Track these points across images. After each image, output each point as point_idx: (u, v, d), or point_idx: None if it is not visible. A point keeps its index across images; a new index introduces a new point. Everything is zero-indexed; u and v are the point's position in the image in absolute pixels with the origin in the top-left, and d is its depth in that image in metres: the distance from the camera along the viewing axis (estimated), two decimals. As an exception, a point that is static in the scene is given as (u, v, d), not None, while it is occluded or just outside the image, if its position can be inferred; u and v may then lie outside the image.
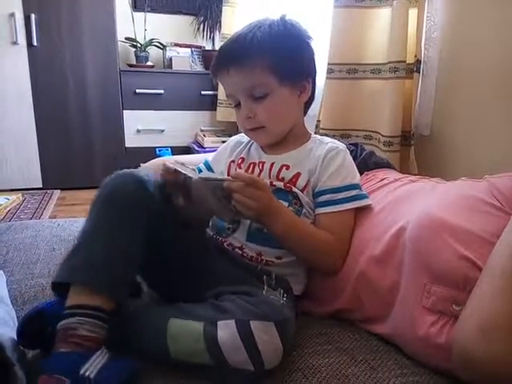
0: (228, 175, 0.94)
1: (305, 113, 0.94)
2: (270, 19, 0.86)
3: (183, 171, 0.75)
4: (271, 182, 0.86)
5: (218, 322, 0.62)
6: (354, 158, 1.02)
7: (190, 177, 0.73)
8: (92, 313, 0.64)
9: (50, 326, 0.66)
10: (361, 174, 0.97)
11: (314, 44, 0.90)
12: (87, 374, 0.59)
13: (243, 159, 0.94)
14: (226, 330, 0.61)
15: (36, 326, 0.67)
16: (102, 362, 0.61)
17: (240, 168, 0.93)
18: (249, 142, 0.96)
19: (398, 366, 0.70)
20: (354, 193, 0.85)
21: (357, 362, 0.71)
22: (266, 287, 0.71)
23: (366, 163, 1.06)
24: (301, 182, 0.85)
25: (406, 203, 0.83)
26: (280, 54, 0.83)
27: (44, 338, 0.66)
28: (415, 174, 1.17)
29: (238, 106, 0.88)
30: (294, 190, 0.85)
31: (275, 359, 0.63)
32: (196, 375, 0.65)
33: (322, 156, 0.86)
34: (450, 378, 0.65)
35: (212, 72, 0.89)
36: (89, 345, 0.62)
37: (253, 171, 0.90)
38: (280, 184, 0.85)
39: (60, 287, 0.68)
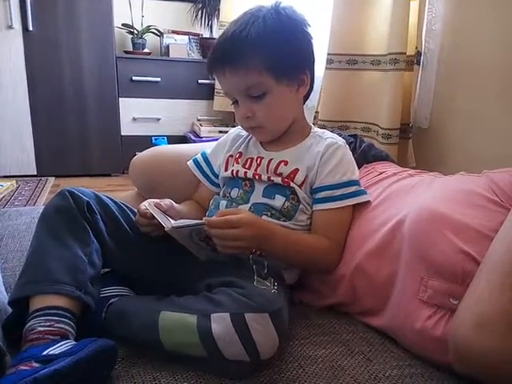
0: (226, 170, 0.93)
1: (304, 102, 0.93)
2: (264, 10, 0.83)
3: (158, 218, 0.75)
4: (269, 177, 0.86)
5: (212, 315, 0.61)
6: (353, 150, 1.02)
7: (162, 225, 0.73)
8: (47, 312, 0.64)
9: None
10: (360, 166, 0.96)
11: (312, 31, 0.87)
12: (51, 353, 0.58)
13: (241, 154, 0.93)
14: (220, 323, 0.60)
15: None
16: (70, 345, 0.60)
17: (238, 163, 0.92)
18: (248, 135, 0.96)
19: (394, 359, 0.70)
20: (352, 189, 0.85)
21: (353, 353, 0.71)
22: (256, 277, 0.70)
23: (365, 156, 1.06)
24: (299, 178, 0.85)
25: (404, 197, 0.83)
26: (275, 52, 0.81)
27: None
28: (413, 168, 1.17)
29: (235, 103, 0.87)
30: (292, 184, 0.84)
31: (271, 350, 0.63)
32: (191, 365, 0.65)
33: (321, 152, 0.85)
34: (445, 370, 0.66)
35: (207, 69, 0.87)
36: (50, 337, 0.62)
37: (250, 166, 0.90)
38: (278, 179, 0.85)
39: (20, 304, 0.68)
